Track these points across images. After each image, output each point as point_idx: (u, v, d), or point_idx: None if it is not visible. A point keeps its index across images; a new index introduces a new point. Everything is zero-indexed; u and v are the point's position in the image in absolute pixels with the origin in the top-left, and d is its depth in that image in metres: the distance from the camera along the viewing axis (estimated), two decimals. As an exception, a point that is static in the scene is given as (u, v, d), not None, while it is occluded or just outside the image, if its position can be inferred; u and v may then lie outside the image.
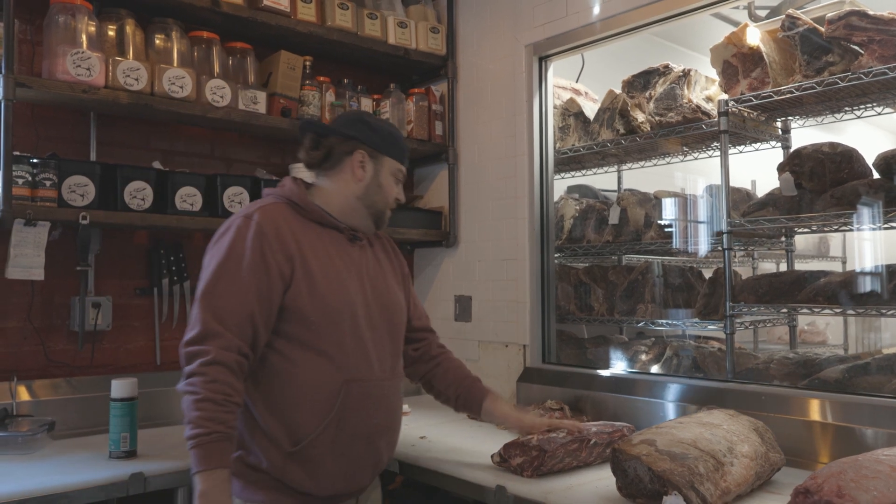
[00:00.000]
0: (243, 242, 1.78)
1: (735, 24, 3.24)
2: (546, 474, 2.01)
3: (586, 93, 3.47)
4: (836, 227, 2.53)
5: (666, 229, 2.87)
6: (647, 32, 2.83)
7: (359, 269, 1.93)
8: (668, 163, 3.35)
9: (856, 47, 2.33)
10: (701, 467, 1.67)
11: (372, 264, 1.99)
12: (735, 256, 3.69)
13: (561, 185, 3.66)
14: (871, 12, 2.27)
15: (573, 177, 3.66)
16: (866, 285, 2.32)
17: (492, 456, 2.10)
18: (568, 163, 3.41)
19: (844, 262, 4.49)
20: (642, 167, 3.44)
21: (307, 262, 1.82)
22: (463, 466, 2.13)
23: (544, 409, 2.64)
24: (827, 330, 4.54)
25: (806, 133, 2.90)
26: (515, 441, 2.06)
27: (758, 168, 3.27)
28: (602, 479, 1.94)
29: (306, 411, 1.80)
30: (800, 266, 3.94)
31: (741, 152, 3.09)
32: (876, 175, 2.38)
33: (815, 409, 2.18)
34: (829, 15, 2.35)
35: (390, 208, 2.03)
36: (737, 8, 3.01)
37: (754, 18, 3.20)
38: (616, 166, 3.58)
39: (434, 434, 2.50)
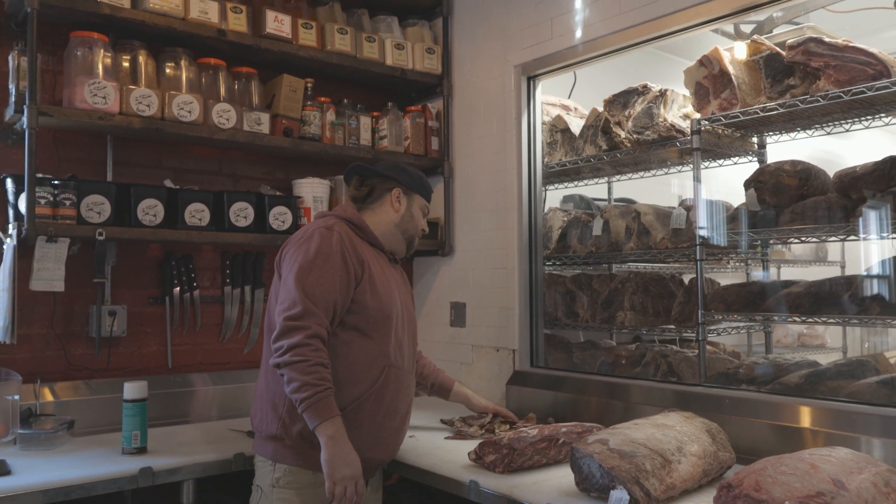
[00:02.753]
0: (329, 246, 2.17)
1: (731, 36, 3.39)
2: (516, 470, 2.19)
3: (575, 108, 3.63)
4: (801, 240, 2.67)
5: (644, 240, 3.02)
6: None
7: (395, 283, 2.37)
8: (654, 175, 3.50)
9: (815, 71, 2.47)
10: (647, 464, 1.84)
11: (401, 282, 2.45)
12: (728, 264, 3.85)
13: (557, 195, 3.84)
14: (827, 39, 2.42)
15: (566, 187, 3.82)
16: (823, 295, 2.46)
17: (468, 454, 2.29)
18: (559, 175, 3.57)
19: (843, 267, 4.57)
20: (630, 179, 3.60)
21: (370, 268, 2.25)
22: (442, 463, 2.32)
23: (528, 421, 2.80)
24: (826, 334, 4.63)
25: (808, 142, 3.00)
26: (489, 440, 2.24)
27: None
28: (567, 475, 2.10)
29: (353, 384, 2.17)
30: (797, 271, 4.08)
31: (721, 166, 3.23)
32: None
33: (772, 412, 2.33)
34: (789, 41, 2.50)
35: (418, 237, 2.48)
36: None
37: (740, 35, 3.35)
38: (607, 178, 3.74)
39: (420, 433, 2.69)
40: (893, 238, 2.43)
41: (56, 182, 2.62)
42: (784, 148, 3.10)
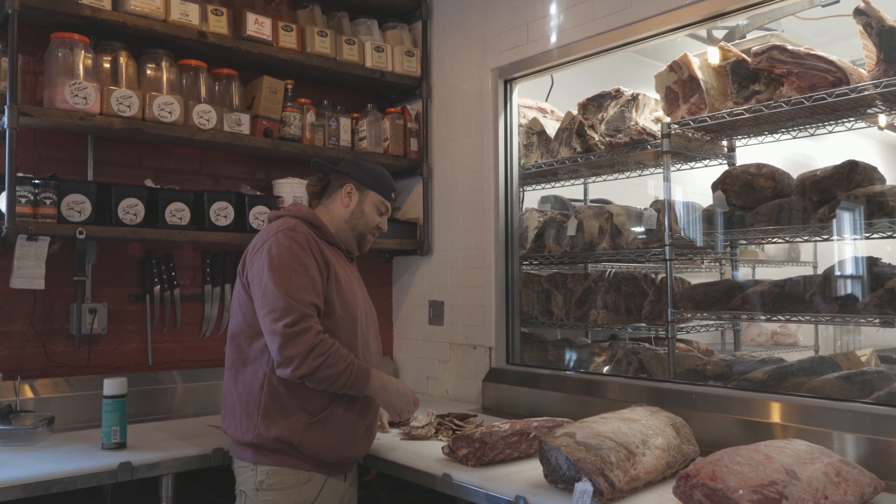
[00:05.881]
0: (301, 248, 2.17)
1: (704, 40, 3.47)
2: (488, 464, 2.25)
3: (552, 111, 3.70)
4: (766, 241, 2.76)
5: (616, 240, 3.10)
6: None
7: (356, 282, 2.39)
8: (629, 177, 3.58)
9: (778, 77, 2.56)
10: (612, 457, 1.91)
11: (359, 279, 2.45)
12: (703, 263, 3.94)
13: (535, 195, 3.91)
14: (789, 47, 2.50)
15: (543, 188, 3.90)
16: (785, 295, 2.55)
17: (442, 448, 2.35)
18: (535, 176, 3.64)
19: (815, 267, 4.65)
20: (605, 180, 3.68)
21: (333, 267, 2.25)
22: (417, 457, 2.38)
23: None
24: (798, 332, 4.73)
25: (785, 145, 3.07)
26: (462, 434, 2.30)
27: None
28: (536, 468, 2.16)
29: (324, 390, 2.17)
30: (772, 271, 4.17)
31: (692, 168, 3.32)
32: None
33: (736, 407, 2.42)
34: (754, 48, 2.59)
35: (372, 234, 2.44)
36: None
37: (712, 40, 3.44)
38: (583, 180, 3.82)
39: (395, 429, 2.75)
40: (856, 238, 2.52)
41: (37, 181, 2.64)
42: (755, 151, 3.18)
